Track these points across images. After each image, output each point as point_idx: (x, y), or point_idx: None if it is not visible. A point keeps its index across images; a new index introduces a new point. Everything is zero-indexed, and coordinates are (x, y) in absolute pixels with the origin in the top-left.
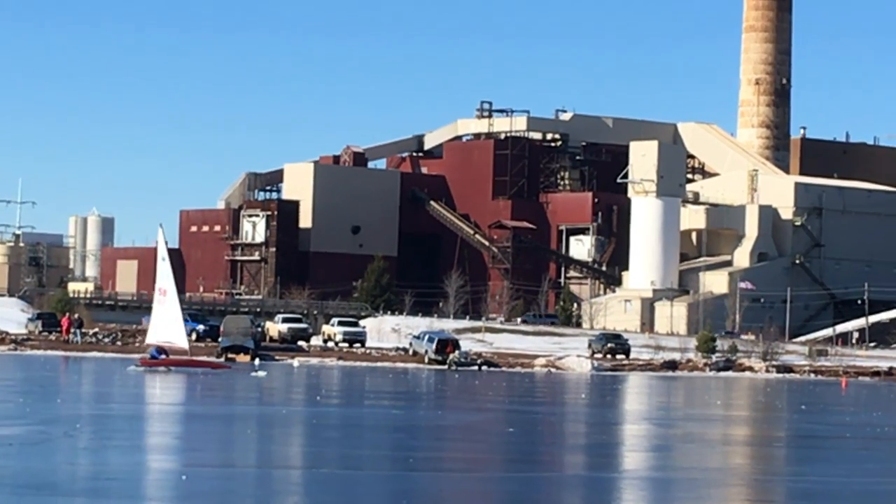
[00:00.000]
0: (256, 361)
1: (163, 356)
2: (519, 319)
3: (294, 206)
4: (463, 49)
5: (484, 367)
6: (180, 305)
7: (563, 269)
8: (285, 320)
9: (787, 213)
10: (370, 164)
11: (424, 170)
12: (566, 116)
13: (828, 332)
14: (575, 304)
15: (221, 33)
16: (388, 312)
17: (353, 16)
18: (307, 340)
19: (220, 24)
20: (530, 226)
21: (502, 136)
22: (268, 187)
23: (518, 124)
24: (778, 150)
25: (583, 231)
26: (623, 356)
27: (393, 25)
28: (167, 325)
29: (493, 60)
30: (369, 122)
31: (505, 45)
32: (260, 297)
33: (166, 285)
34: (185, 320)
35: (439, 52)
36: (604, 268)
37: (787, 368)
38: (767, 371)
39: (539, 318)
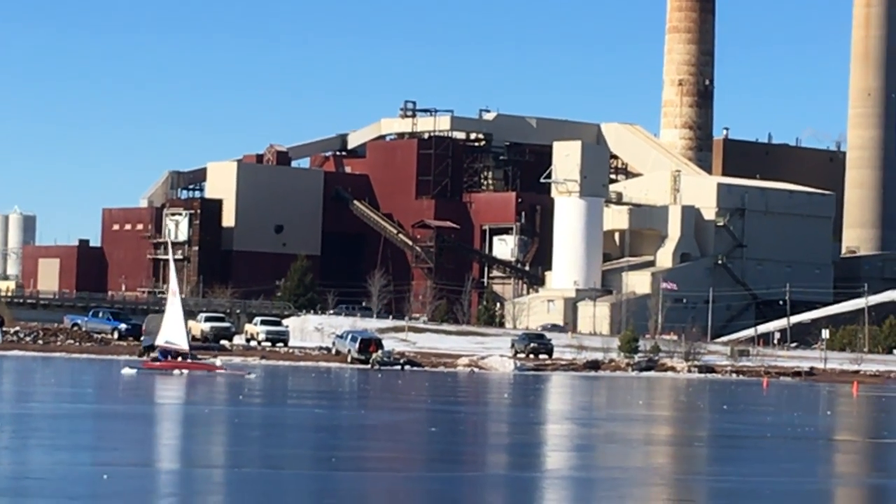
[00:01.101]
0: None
1: (168, 358)
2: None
3: (217, 204)
4: (387, 49)
5: (407, 367)
6: (102, 304)
7: (486, 268)
8: (208, 319)
9: (709, 213)
10: (293, 164)
11: (348, 169)
12: (490, 116)
13: (749, 332)
14: (498, 304)
15: (145, 33)
16: (311, 312)
17: (278, 16)
18: (230, 339)
19: (143, 24)
20: (453, 225)
21: (426, 135)
22: (191, 186)
23: (442, 124)
24: (701, 151)
25: (506, 231)
26: (546, 356)
27: (317, 25)
28: (171, 325)
29: (418, 60)
30: (293, 122)
31: (429, 45)
32: (182, 296)
33: (174, 286)
34: (107, 319)
35: (363, 51)
36: (527, 268)
37: (709, 368)
38: (689, 371)
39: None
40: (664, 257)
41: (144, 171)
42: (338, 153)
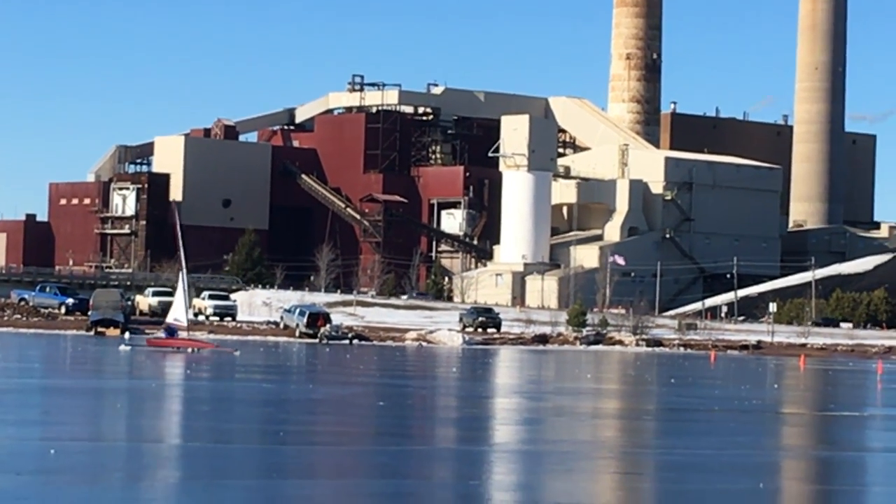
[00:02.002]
0: (127, 335)
1: (176, 336)
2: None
3: (165, 179)
4: (334, 22)
5: (355, 341)
6: (49, 279)
7: (434, 242)
8: (155, 294)
9: (657, 187)
10: (241, 138)
11: (296, 143)
12: (438, 90)
13: (697, 306)
14: (446, 278)
15: (92, 5)
16: (260, 286)
17: None
18: None
19: None
20: (402, 199)
21: (374, 109)
22: (138, 160)
23: (390, 98)
24: (648, 125)
25: (454, 205)
26: (494, 330)
27: None
28: (177, 303)
29: (365, 34)
30: (240, 96)
31: (377, 18)
32: (130, 270)
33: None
34: (54, 294)
35: (311, 25)
36: (475, 242)
37: (657, 342)
38: (637, 345)
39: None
40: (612, 231)
41: (92, 145)
42: (285, 127)
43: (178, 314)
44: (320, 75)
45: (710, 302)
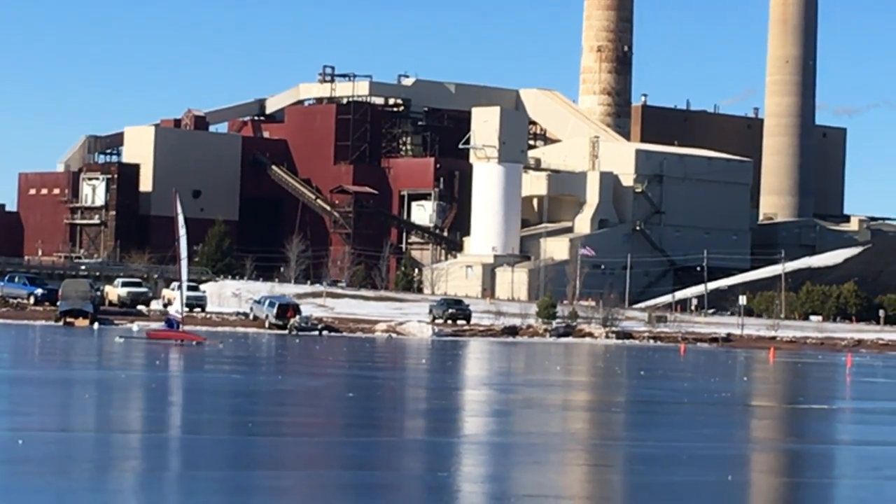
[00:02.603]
0: (96, 325)
1: (176, 328)
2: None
3: (134, 169)
4: (305, 12)
5: (325, 332)
6: (18, 269)
7: (404, 234)
8: (125, 284)
9: (627, 179)
10: (211, 128)
11: (266, 134)
12: (408, 82)
13: (667, 298)
14: (416, 270)
15: None
16: (229, 277)
17: None
18: (147, 304)
19: None
20: (372, 191)
21: (344, 100)
22: (108, 150)
23: (360, 89)
24: (619, 118)
25: (424, 196)
26: (464, 322)
27: None
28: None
29: (336, 24)
30: (210, 86)
31: (347, 9)
32: (100, 260)
33: (184, 254)
34: (23, 284)
35: (281, 15)
36: (445, 233)
37: (627, 334)
38: (607, 337)
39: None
40: (582, 223)
41: (61, 135)
42: (256, 118)
43: (178, 306)
44: (291, 66)
45: (680, 294)
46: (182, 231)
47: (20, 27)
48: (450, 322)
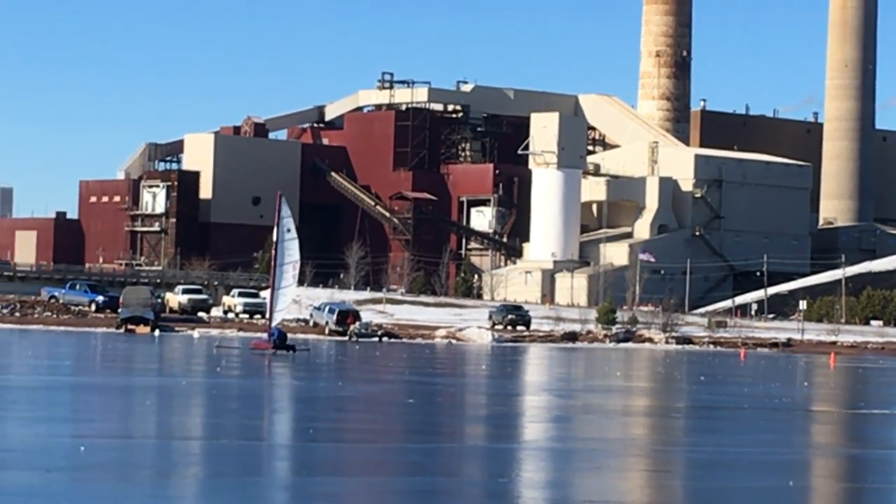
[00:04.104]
0: (156, 333)
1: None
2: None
3: (194, 176)
4: (365, 20)
5: (384, 339)
6: (79, 277)
7: (463, 240)
8: (185, 291)
9: (687, 185)
10: (271, 135)
11: (325, 141)
12: (467, 88)
13: (727, 303)
14: (476, 276)
15: (124, 4)
16: None
17: None
18: (207, 311)
19: None
20: (431, 197)
21: (403, 107)
22: (168, 158)
23: (419, 95)
24: (678, 123)
25: (484, 202)
26: (523, 327)
27: None
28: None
29: (395, 31)
30: (270, 94)
31: (406, 15)
32: (160, 268)
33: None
34: (84, 291)
35: (341, 22)
36: (504, 239)
37: (687, 340)
38: (667, 342)
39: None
40: (642, 229)
41: (122, 143)
42: (315, 125)
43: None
44: (350, 73)
45: (739, 299)
46: (288, 234)
47: (80, 36)
48: (509, 328)
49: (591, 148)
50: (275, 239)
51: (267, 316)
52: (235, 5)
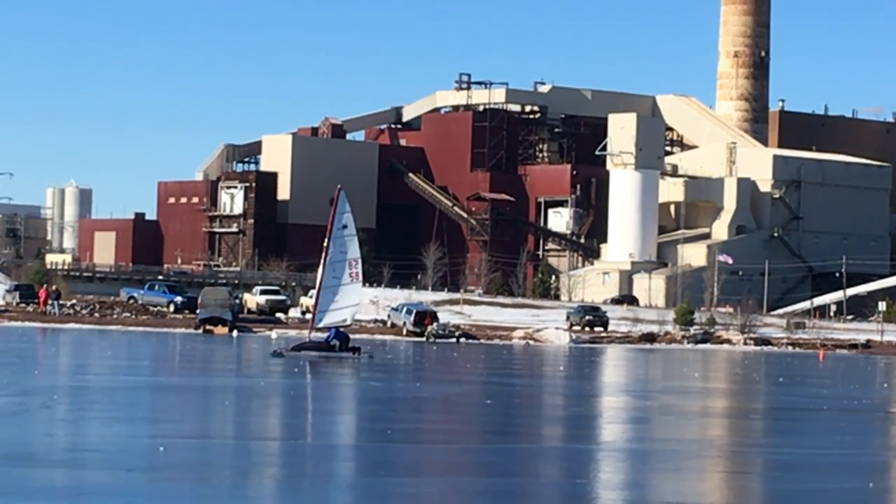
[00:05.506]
0: (235, 333)
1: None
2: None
3: (272, 177)
4: (442, 20)
5: (462, 340)
6: (158, 278)
7: (541, 241)
8: (263, 292)
9: (765, 185)
10: (348, 136)
11: (403, 142)
12: (545, 89)
13: (805, 304)
14: (553, 277)
15: (200, 3)
16: (367, 284)
17: None
18: (285, 312)
19: None
20: (508, 198)
21: (481, 108)
22: (246, 159)
23: (496, 96)
24: (756, 123)
25: (561, 203)
26: (601, 328)
27: None
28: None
29: (472, 32)
30: (348, 94)
31: (484, 16)
32: (238, 268)
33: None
34: (163, 292)
35: (418, 23)
36: (582, 240)
37: (765, 341)
38: (745, 343)
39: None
40: (720, 230)
41: (200, 144)
42: (393, 126)
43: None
44: (427, 74)
45: (818, 301)
46: (346, 230)
47: (159, 38)
48: (587, 329)
49: (668, 149)
50: (328, 234)
51: (313, 313)
52: (314, 7)
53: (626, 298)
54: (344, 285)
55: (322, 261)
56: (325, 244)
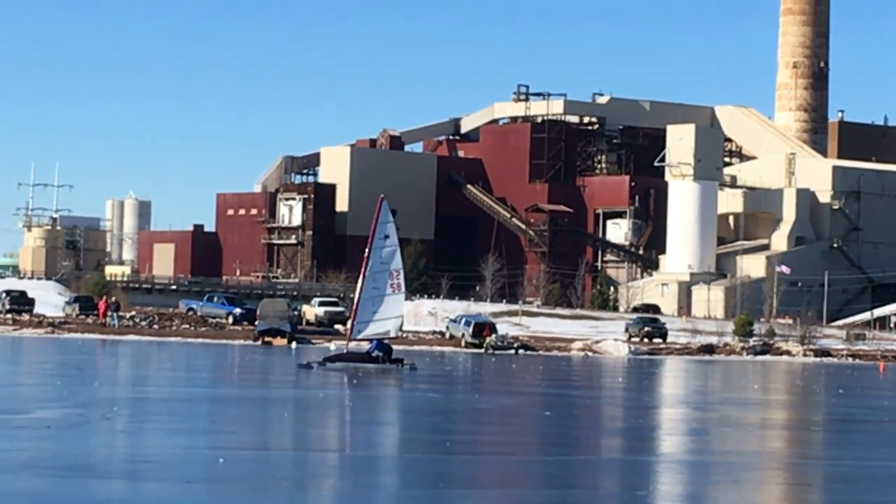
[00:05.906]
0: (293, 345)
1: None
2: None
3: (331, 189)
4: (500, 32)
5: (521, 351)
6: (217, 289)
7: (599, 252)
8: (322, 304)
9: (824, 196)
10: (407, 148)
11: (461, 153)
12: (603, 100)
13: (865, 315)
14: (612, 288)
15: (259, 15)
16: (425, 296)
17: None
18: (343, 324)
19: (256, 6)
20: (567, 209)
21: (539, 119)
22: (304, 171)
23: (555, 108)
24: (815, 134)
25: (620, 215)
26: (660, 340)
27: (431, 8)
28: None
29: (530, 43)
30: (406, 106)
31: (542, 28)
32: (296, 280)
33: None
34: (222, 304)
35: (476, 35)
36: (641, 251)
37: (825, 352)
38: (805, 355)
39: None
40: (779, 241)
41: (258, 156)
42: (451, 137)
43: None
44: (485, 85)
45: (878, 312)
46: (387, 241)
47: (218, 50)
48: (646, 340)
49: (727, 160)
50: (369, 244)
51: (349, 325)
52: (372, 19)
53: (651, 308)
54: (386, 296)
55: (362, 271)
56: (365, 254)
